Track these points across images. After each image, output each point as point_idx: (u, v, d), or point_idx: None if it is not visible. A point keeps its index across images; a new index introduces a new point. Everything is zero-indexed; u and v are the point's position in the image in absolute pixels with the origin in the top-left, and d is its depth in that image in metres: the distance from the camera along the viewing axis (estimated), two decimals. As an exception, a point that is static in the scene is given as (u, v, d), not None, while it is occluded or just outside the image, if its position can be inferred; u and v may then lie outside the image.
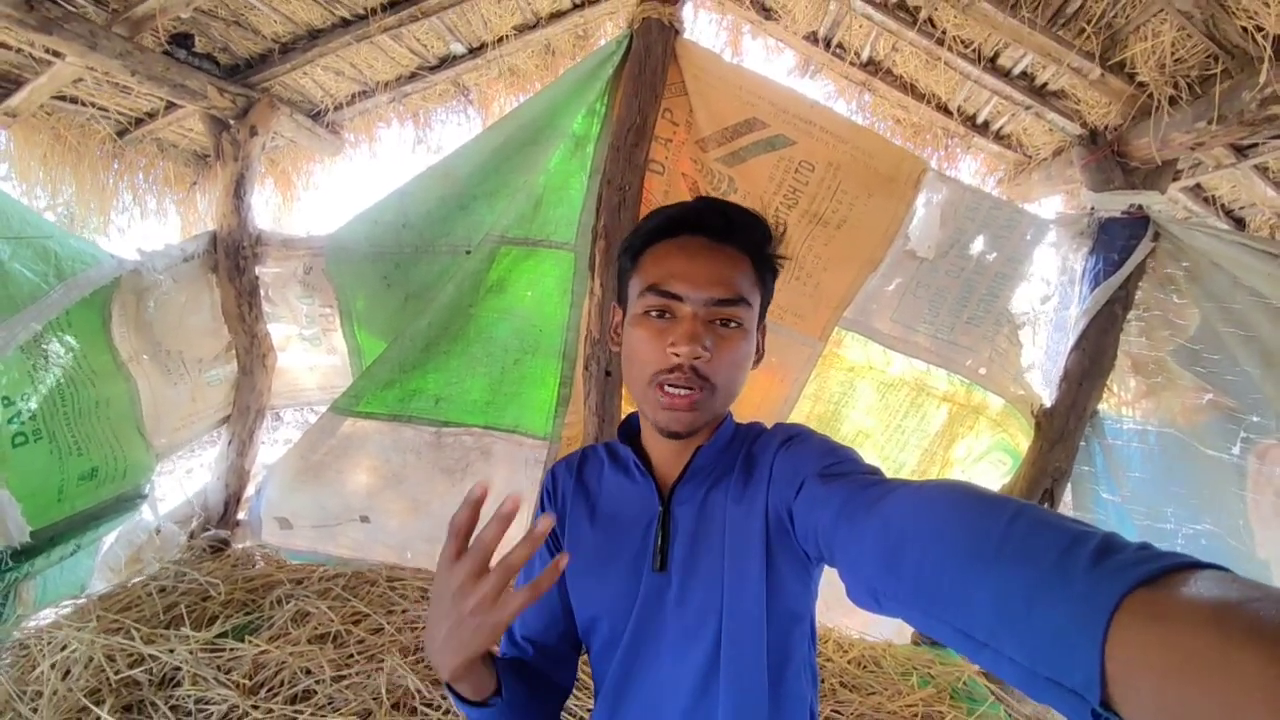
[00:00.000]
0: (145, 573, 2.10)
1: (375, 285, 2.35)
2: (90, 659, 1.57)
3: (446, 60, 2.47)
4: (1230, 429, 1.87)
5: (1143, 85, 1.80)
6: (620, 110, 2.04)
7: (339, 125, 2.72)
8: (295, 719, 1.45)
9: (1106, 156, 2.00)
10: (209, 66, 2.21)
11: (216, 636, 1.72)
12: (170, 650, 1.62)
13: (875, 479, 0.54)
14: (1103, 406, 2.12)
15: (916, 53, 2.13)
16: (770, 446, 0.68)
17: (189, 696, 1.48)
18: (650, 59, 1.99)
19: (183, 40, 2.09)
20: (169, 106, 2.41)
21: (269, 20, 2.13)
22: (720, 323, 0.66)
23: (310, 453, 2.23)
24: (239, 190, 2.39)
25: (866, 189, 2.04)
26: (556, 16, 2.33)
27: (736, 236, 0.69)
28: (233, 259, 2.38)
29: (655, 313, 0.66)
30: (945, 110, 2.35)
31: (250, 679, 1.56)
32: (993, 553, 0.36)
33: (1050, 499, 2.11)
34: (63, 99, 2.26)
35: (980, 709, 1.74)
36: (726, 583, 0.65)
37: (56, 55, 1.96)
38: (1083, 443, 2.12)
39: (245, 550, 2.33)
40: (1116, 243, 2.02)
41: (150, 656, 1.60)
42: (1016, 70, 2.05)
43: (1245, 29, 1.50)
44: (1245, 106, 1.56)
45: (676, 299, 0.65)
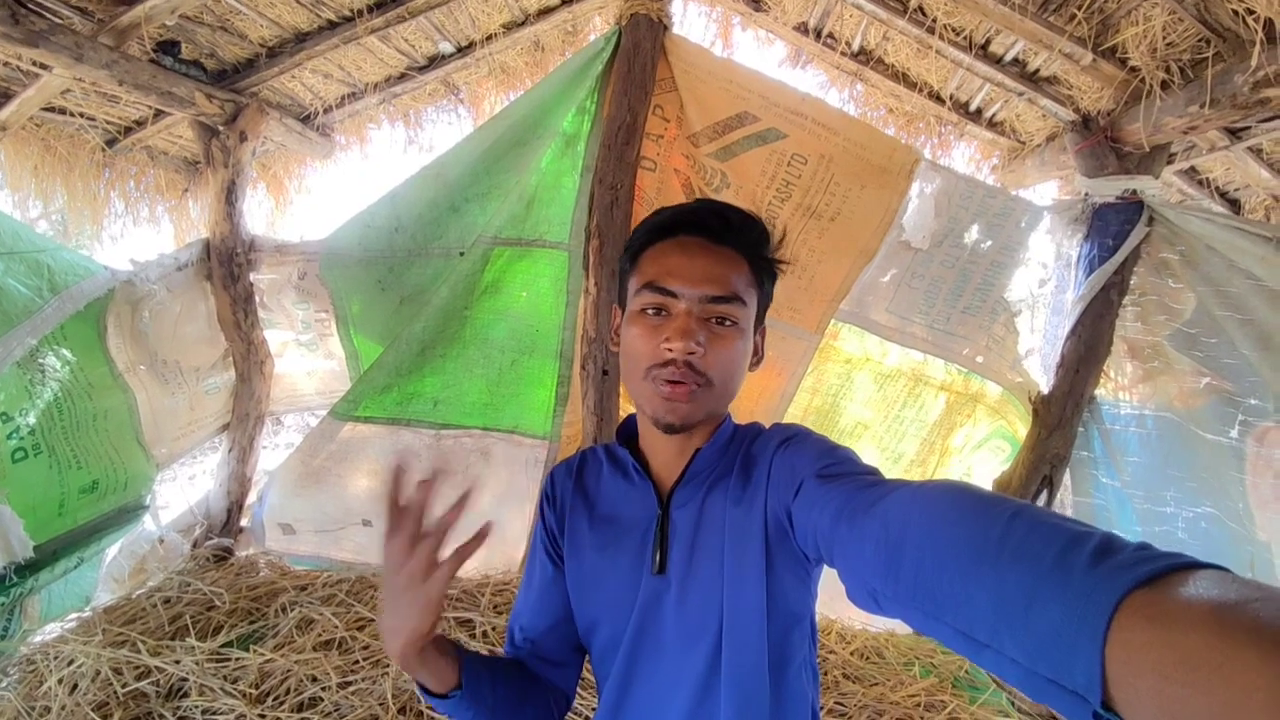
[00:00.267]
0: (150, 583, 2.10)
1: (370, 289, 2.35)
2: (97, 672, 1.58)
3: (435, 60, 2.45)
4: (1228, 412, 1.87)
5: (1135, 70, 1.80)
6: (611, 108, 2.03)
7: (329, 128, 2.71)
8: (303, 726, 1.46)
9: (1100, 142, 2.00)
10: (196, 73, 2.19)
11: (222, 646, 1.72)
12: (176, 661, 1.62)
13: (874, 479, 0.54)
14: (1100, 392, 2.12)
15: (908, 41, 2.12)
16: (768, 447, 0.68)
17: (196, 707, 1.49)
18: (639, 56, 1.98)
19: (169, 48, 2.08)
20: (158, 114, 2.40)
21: (255, 25, 2.11)
22: (715, 320, 0.66)
23: (311, 458, 2.23)
24: (231, 196, 2.38)
25: (859, 180, 2.04)
26: (545, 13, 2.31)
27: (734, 237, 0.69)
28: (227, 266, 2.38)
29: (651, 309, 0.67)
30: (938, 98, 2.34)
31: (257, 688, 1.56)
32: (992, 553, 0.36)
33: (1049, 485, 2.11)
34: (51, 110, 2.25)
35: (982, 697, 1.76)
36: (726, 584, 0.65)
37: (44, 68, 1.94)
38: (1081, 428, 2.12)
39: (249, 558, 2.34)
40: (1111, 228, 2.02)
41: (157, 668, 1.60)
42: (1008, 57, 2.04)
43: (1236, 12, 1.50)
44: (1238, 89, 1.55)
45: (671, 295, 0.65)
